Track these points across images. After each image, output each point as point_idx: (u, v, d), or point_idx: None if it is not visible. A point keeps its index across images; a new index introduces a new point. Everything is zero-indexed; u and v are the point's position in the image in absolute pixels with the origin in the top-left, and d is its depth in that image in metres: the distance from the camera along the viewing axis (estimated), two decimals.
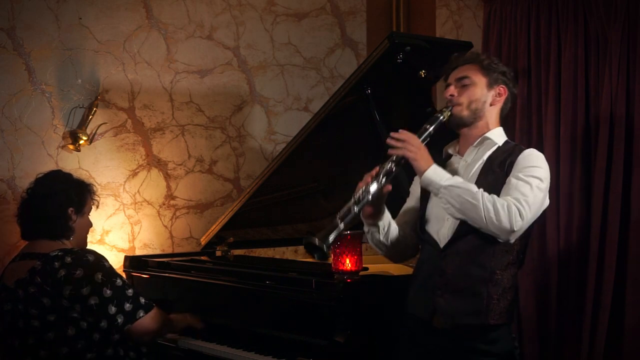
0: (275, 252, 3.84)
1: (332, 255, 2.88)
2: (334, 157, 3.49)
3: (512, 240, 2.38)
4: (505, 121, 2.62)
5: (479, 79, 2.53)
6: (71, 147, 3.63)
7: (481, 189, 2.35)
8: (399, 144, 2.42)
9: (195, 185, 4.01)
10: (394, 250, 2.63)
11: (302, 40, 4.30)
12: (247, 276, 3.09)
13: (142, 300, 2.72)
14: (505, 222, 2.31)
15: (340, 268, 2.83)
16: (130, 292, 2.70)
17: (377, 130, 3.13)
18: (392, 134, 2.45)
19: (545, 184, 2.42)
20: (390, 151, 2.43)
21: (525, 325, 3.50)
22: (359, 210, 2.38)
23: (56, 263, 2.63)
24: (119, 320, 2.65)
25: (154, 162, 3.90)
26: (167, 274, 3.37)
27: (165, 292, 3.32)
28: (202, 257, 3.65)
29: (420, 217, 2.58)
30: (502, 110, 2.58)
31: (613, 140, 3.24)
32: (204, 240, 3.63)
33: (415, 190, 2.68)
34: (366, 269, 2.88)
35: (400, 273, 2.98)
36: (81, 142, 3.63)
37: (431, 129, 2.48)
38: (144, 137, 3.87)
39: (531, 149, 2.49)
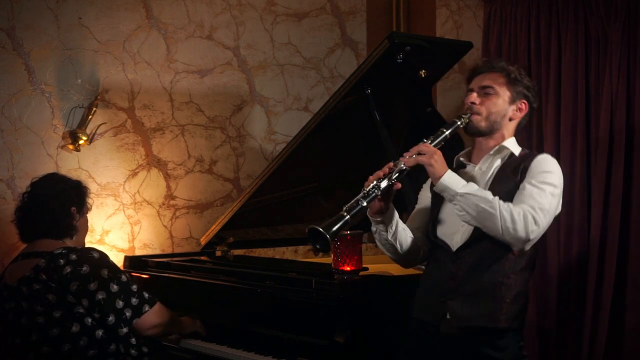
0: (275, 252, 3.84)
1: (332, 255, 2.88)
2: (334, 157, 3.49)
3: (527, 249, 2.37)
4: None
5: (503, 91, 2.50)
6: (71, 147, 3.63)
7: (497, 197, 2.33)
8: (412, 153, 2.39)
9: (195, 185, 4.01)
10: (404, 254, 2.59)
11: (302, 40, 4.30)
12: (247, 276, 3.09)
13: (146, 295, 2.77)
14: (522, 232, 2.30)
15: (340, 268, 2.83)
16: (134, 287, 2.76)
17: (377, 130, 3.13)
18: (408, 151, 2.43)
19: (559, 189, 2.40)
20: (403, 157, 2.41)
21: (526, 325, 3.50)
22: (368, 204, 2.36)
23: (61, 260, 2.65)
24: (127, 314, 2.69)
25: (154, 162, 3.90)
26: (167, 274, 3.37)
27: (165, 292, 3.31)
28: (202, 257, 3.65)
29: (432, 221, 2.55)
30: (519, 124, 2.56)
31: (613, 140, 3.24)
32: (204, 240, 3.63)
33: (424, 196, 2.66)
34: (366, 269, 2.88)
35: (401, 273, 2.98)
36: (81, 142, 3.63)
37: (447, 133, 2.45)
38: (143, 137, 3.87)
39: (545, 154, 2.47)
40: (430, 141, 2.43)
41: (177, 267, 3.42)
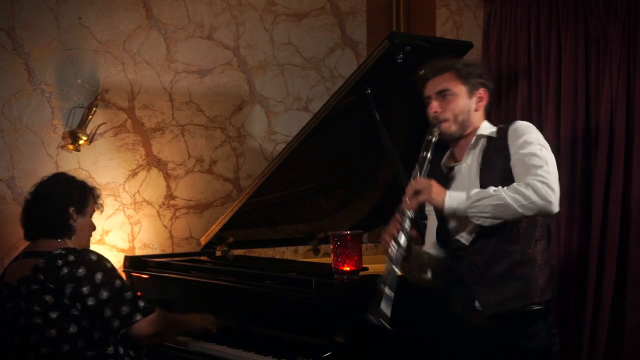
0: (275, 252, 3.84)
1: (332, 255, 2.88)
2: (334, 157, 3.49)
3: (557, 210, 2.35)
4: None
5: (459, 89, 2.51)
6: (71, 147, 3.63)
7: (499, 187, 2.34)
8: (411, 196, 2.40)
9: (195, 185, 4.01)
10: (426, 276, 2.63)
11: (302, 40, 4.30)
12: (247, 276, 3.09)
13: (141, 304, 2.69)
14: (539, 201, 2.29)
15: (340, 268, 2.83)
16: (129, 294, 2.68)
17: (377, 130, 3.13)
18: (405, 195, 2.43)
19: (545, 144, 2.41)
20: (405, 203, 2.41)
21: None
22: (399, 268, 2.37)
23: (59, 261, 2.64)
24: (115, 324, 2.64)
25: (154, 162, 3.90)
26: (167, 274, 3.37)
27: (165, 292, 3.32)
28: (202, 257, 3.65)
29: (439, 227, 2.57)
30: (485, 109, 2.57)
31: (613, 140, 3.24)
32: (203, 241, 3.62)
33: (429, 209, 2.67)
34: (366, 269, 2.88)
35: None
36: (81, 142, 3.63)
37: (429, 154, 2.47)
38: (143, 137, 3.87)
39: (514, 123, 2.49)
40: (418, 173, 2.45)
41: (177, 267, 3.41)
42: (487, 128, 2.54)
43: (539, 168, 2.33)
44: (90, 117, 3.65)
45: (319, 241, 3.85)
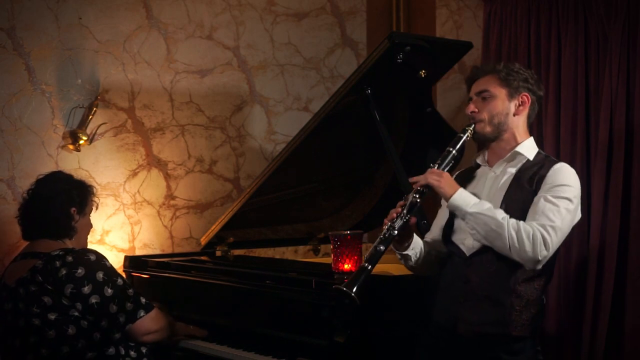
0: (275, 252, 3.84)
1: (332, 255, 2.88)
2: (334, 157, 3.49)
3: (539, 267, 2.36)
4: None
5: (499, 91, 2.50)
6: (71, 147, 3.63)
7: (507, 216, 2.34)
8: (420, 177, 2.42)
9: (195, 185, 4.01)
10: (432, 271, 2.64)
11: (302, 40, 4.30)
12: (247, 276, 3.09)
13: (143, 300, 2.74)
14: (530, 253, 2.30)
15: (340, 268, 2.83)
16: (130, 291, 2.72)
17: (377, 130, 3.13)
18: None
19: (575, 203, 2.38)
20: (413, 183, 2.43)
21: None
22: (386, 248, 2.38)
23: (57, 262, 2.63)
24: (121, 319, 2.66)
25: (154, 162, 3.90)
26: (167, 274, 3.37)
27: (165, 292, 3.32)
28: (202, 257, 3.65)
29: (446, 227, 2.57)
30: (528, 117, 2.55)
31: (613, 140, 3.24)
32: (204, 241, 3.63)
33: (443, 207, 2.66)
34: None
35: (401, 273, 2.98)
36: (81, 142, 3.63)
37: (454, 151, 2.48)
38: (144, 137, 3.87)
39: (562, 164, 2.45)
40: (437, 165, 2.45)
41: (177, 267, 3.42)
42: (528, 148, 2.52)
43: (551, 223, 2.32)
44: (90, 117, 3.65)
45: (319, 241, 3.85)
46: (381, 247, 2.36)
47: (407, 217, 2.40)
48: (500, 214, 2.35)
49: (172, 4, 3.93)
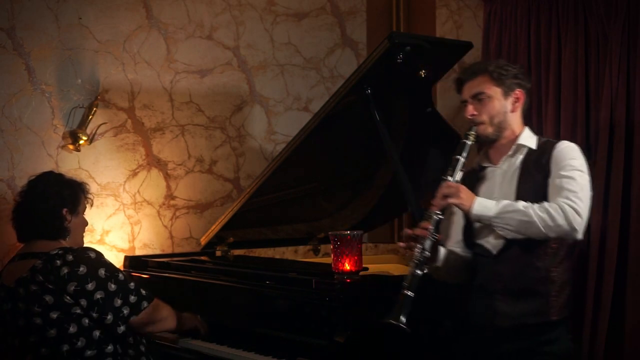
0: (275, 252, 3.84)
1: (332, 255, 2.88)
2: (334, 157, 3.49)
3: (580, 238, 2.39)
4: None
5: (494, 91, 2.54)
6: (71, 147, 3.63)
7: (529, 203, 2.37)
8: (439, 199, 2.43)
9: (195, 185, 4.01)
10: (452, 274, 2.64)
11: (302, 40, 4.30)
12: (247, 276, 3.09)
13: (144, 292, 2.76)
14: (565, 225, 2.33)
15: (340, 268, 2.83)
16: (132, 285, 2.75)
17: (377, 130, 3.13)
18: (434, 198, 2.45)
19: (586, 172, 2.45)
20: (434, 206, 2.43)
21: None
22: (422, 272, 2.39)
23: (58, 261, 2.64)
24: (125, 312, 2.68)
25: (154, 162, 3.90)
26: (167, 274, 3.37)
27: (165, 292, 3.30)
28: (202, 257, 3.65)
29: (466, 230, 2.59)
30: (523, 110, 2.60)
31: (613, 140, 3.24)
32: (204, 240, 3.63)
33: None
34: (366, 269, 2.88)
35: (400, 273, 2.98)
36: (81, 142, 3.63)
37: (462, 158, 2.49)
38: (144, 137, 3.87)
39: (562, 142, 2.52)
40: (449, 175, 2.46)
41: (177, 267, 3.42)
42: (527, 138, 2.57)
43: (573, 193, 2.36)
44: (90, 117, 3.65)
45: (319, 241, 3.85)
46: (418, 272, 2.37)
47: (435, 237, 2.42)
48: (521, 204, 2.38)
49: (172, 4, 3.93)
